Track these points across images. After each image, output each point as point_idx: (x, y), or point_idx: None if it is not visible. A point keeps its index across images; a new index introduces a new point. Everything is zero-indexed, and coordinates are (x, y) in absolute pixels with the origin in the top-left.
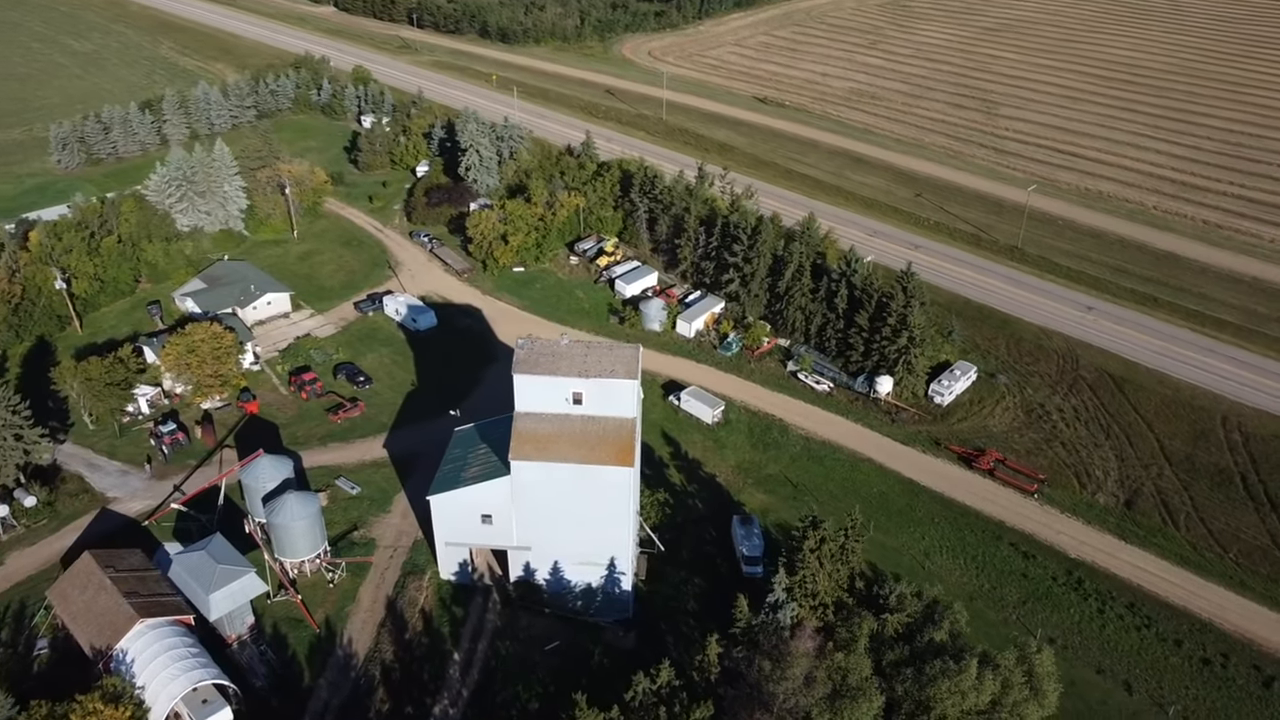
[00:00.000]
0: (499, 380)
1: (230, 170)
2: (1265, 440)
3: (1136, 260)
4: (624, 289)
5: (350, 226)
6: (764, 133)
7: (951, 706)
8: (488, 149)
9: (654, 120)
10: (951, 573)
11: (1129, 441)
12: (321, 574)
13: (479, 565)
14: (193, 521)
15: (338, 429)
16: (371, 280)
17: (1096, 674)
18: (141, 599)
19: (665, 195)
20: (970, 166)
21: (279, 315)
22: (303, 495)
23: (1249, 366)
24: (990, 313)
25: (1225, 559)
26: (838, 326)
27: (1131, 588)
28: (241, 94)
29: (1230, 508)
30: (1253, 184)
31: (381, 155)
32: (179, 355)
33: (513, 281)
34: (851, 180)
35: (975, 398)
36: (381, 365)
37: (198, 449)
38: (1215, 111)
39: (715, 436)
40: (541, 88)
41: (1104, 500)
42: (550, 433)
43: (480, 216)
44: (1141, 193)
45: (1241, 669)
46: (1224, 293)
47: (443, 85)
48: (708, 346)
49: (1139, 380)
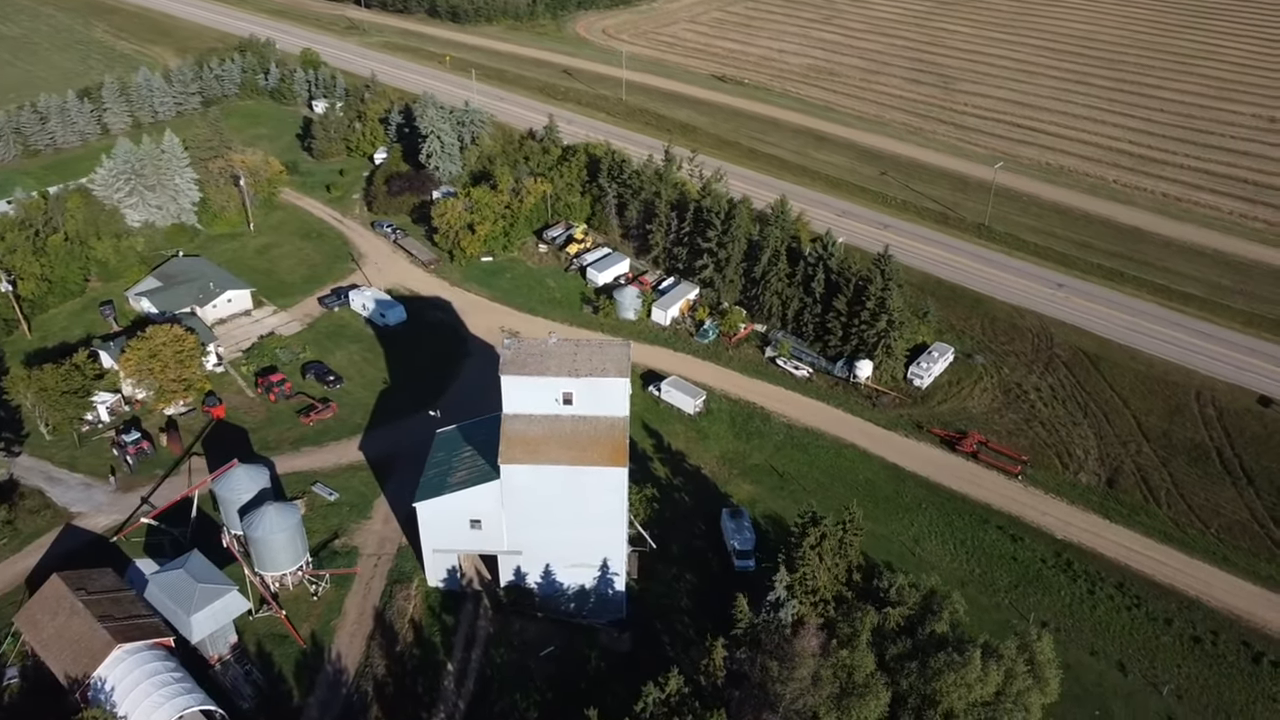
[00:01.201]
0: (474, 374)
1: (181, 162)
2: (1238, 414)
3: (1101, 235)
4: (596, 277)
5: (309, 217)
6: (725, 112)
7: (958, 699)
8: (449, 135)
9: (614, 101)
10: (942, 559)
11: (1106, 419)
12: (304, 586)
13: (467, 570)
14: (165, 536)
15: (310, 432)
16: (334, 274)
17: (1090, 656)
18: (117, 622)
19: (634, 180)
20: (932, 143)
21: (240, 313)
22: (282, 506)
23: (1217, 340)
24: (963, 292)
25: (1207, 534)
26: (815, 311)
27: (1119, 567)
28: (185, 80)
29: (1208, 483)
30: (1208, 156)
31: (337, 142)
32: (140, 360)
33: (481, 272)
34: (816, 159)
35: (953, 379)
36: (351, 363)
37: (164, 458)
38: (1167, 83)
39: (698, 427)
40: (497, 68)
41: (1086, 479)
42: (540, 434)
43: (445, 205)
44: (1101, 167)
45: (1231, 645)
46: (1188, 266)
47: (395, 68)
48: (684, 334)
49: (1113, 357)
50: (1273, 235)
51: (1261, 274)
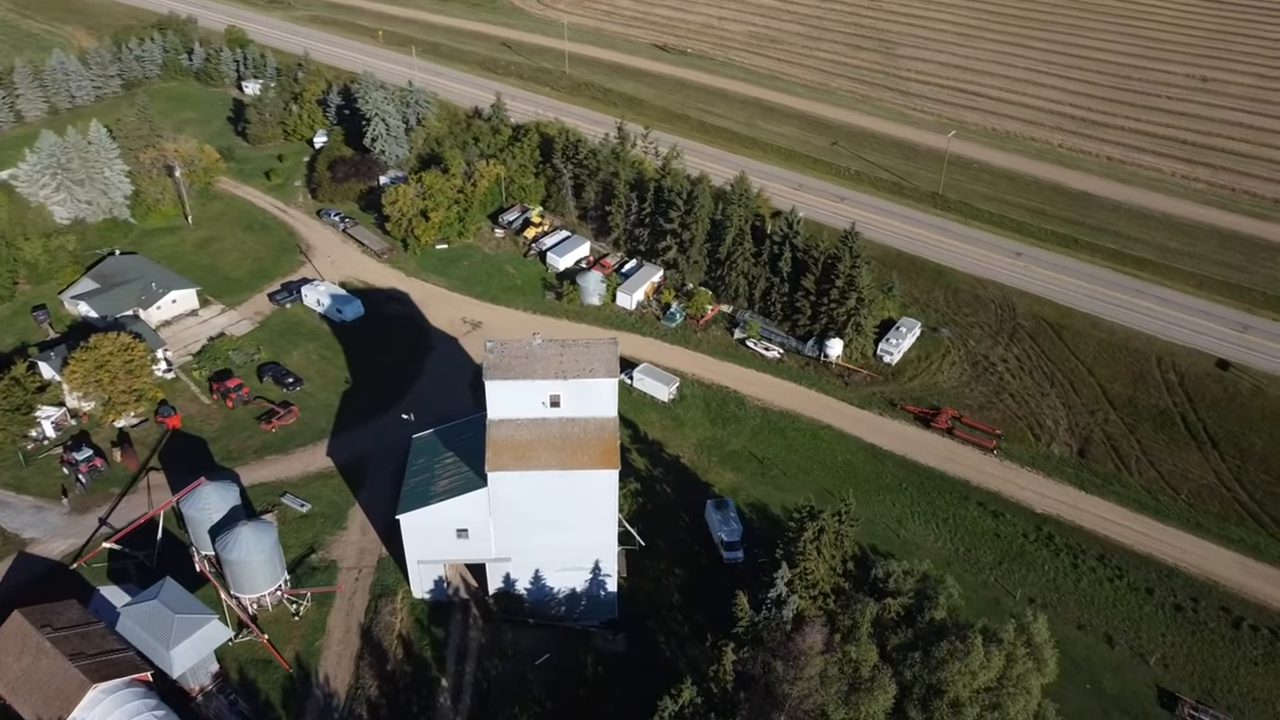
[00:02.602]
0: (439, 369)
1: (110, 154)
2: (1198, 379)
3: (1053, 201)
4: (556, 261)
5: (249, 208)
6: (670, 83)
7: (963, 687)
8: (394, 117)
9: (557, 75)
10: (926, 539)
11: (1073, 389)
12: (284, 606)
13: (453, 579)
14: (129, 560)
15: (273, 439)
16: (282, 267)
17: (1078, 630)
18: (90, 660)
19: (590, 160)
20: (879, 111)
21: (186, 313)
22: (258, 525)
23: (1173, 305)
24: (924, 264)
25: (1178, 501)
26: (782, 290)
27: (1099, 539)
28: (104, 62)
29: (1175, 449)
30: (1145, 117)
31: (273, 126)
32: (86, 372)
33: (437, 260)
34: (766, 130)
35: (922, 354)
36: (310, 363)
37: (119, 474)
38: (1103, 44)
39: (673, 415)
40: (432, 42)
41: (1058, 450)
42: (528, 439)
43: (396, 192)
44: (1046, 131)
45: (1211, 612)
46: (1138, 230)
47: (326, 44)
48: (651, 318)
49: (1075, 325)
50: (1214, 196)
51: (1206, 235)
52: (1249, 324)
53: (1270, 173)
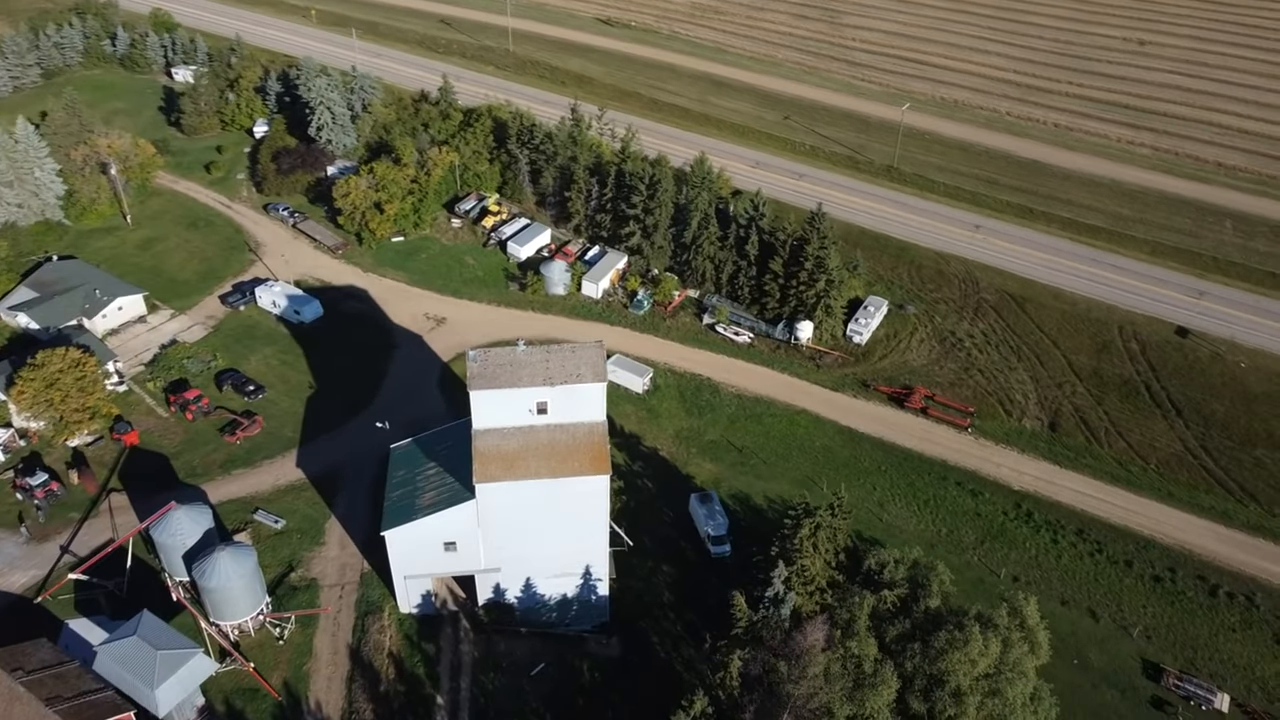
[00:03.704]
0: (406, 368)
1: (39, 152)
2: (1159, 347)
3: (1005, 171)
4: (518, 251)
5: (192, 204)
6: (618, 59)
7: (963, 676)
8: (339, 104)
9: (501, 53)
10: (909, 522)
11: (1040, 361)
12: (267, 631)
13: (439, 592)
14: (97, 590)
15: (238, 451)
16: (232, 267)
17: (1062, 606)
18: (68, 704)
19: (547, 144)
20: (828, 82)
21: (133, 321)
22: (236, 550)
23: (1130, 273)
24: (887, 240)
25: (1149, 471)
26: (750, 274)
27: (1076, 514)
28: (20, 50)
29: (1141, 418)
30: (1087, 82)
31: (209, 116)
32: (36, 392)
33: (394, 254)
34: (718, 106)
35: (890, 332)
36: (270, 368)
37: (78, 498)
38: (1041, 8)
39: (648, 406)
40: (368, 21)
41: (1030, 425)
42: (516, 448)
43: (348, 184)
44: (993, 99)
45: (1188, 581)
46: (1089, 197)
47: (256, 25)
48: (618, 306)
49: (1037, 298)
50: (1159, 161)
51: (1155, 201)
52: (1203, 290)
53: (1210, 136)
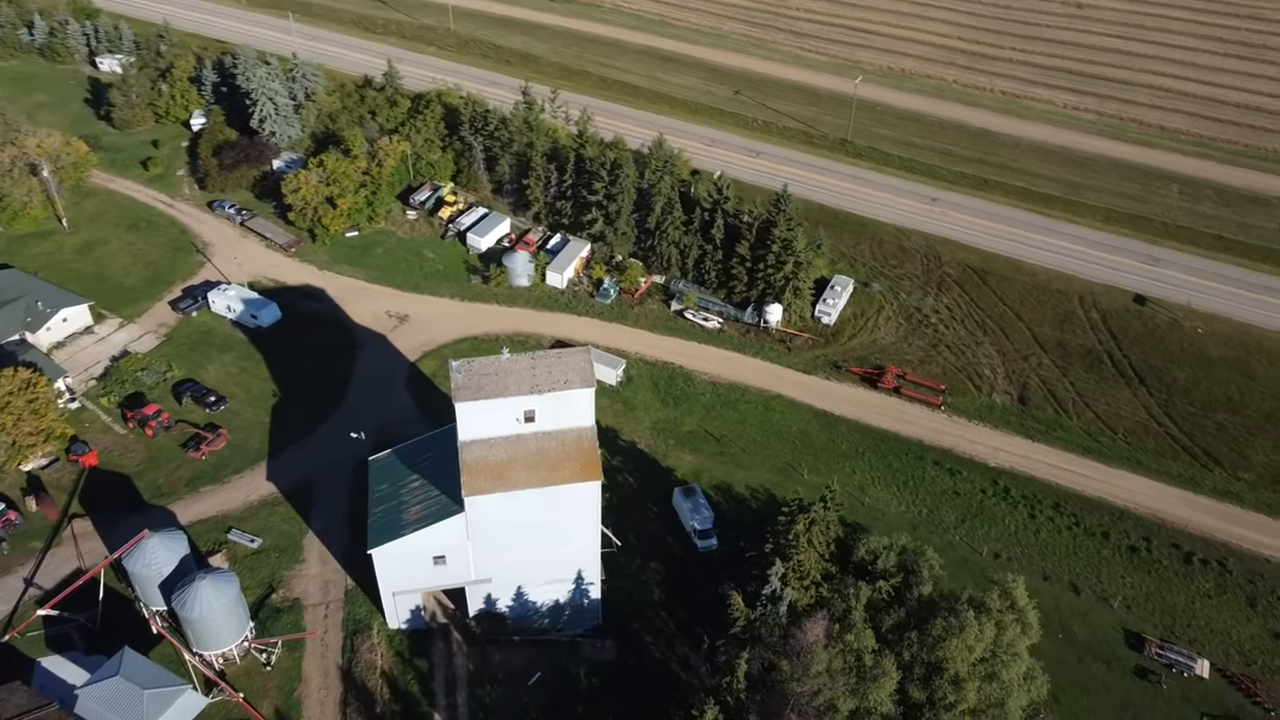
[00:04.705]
0: (373, 369)
1: None
2: (1119, 315)
3: (957, 141)
4: (478, 242)
5: (131, 204)
6: (563, 36)
7: (961, 663)
8: (281, 94)
9: (442, 32)
10: (890, 504)
11: (1005, 335)
12: (253, 657)
13: (428, 604)
14: (69, 624)
15: (205, 467)
16: (180, 270)
17: (1044, 580)
18: None
19: (501, 130)
20: (775, 54)
21: (80, 332)
22: (217, 577)
23: (1085, 241)
24: (847, 217)
25: (1117, 441)
26: (716, 258)
27: (1051, 487)
28: None
29: (1106, 388)
30: (1030, 48)
31: (141, 108)
32: None
33: (350, 249)
34: (668, 83)
35: (857, 311)
36: (230, 377)
37: (38, 526)
38: None
39: (623, 398)
40: (302, 1)
41: (1000, 400)
42: (504, 458)
43: (298, 179)
44: (940, 67)
45: (1163, 549)
46: (1040, 165)
47: (185, 9)
48: (583, 296)
49: (998, 270)
50: (1104, 126)
51: (1104, 167)
52: (1158, 256)
53: (1151, 99)
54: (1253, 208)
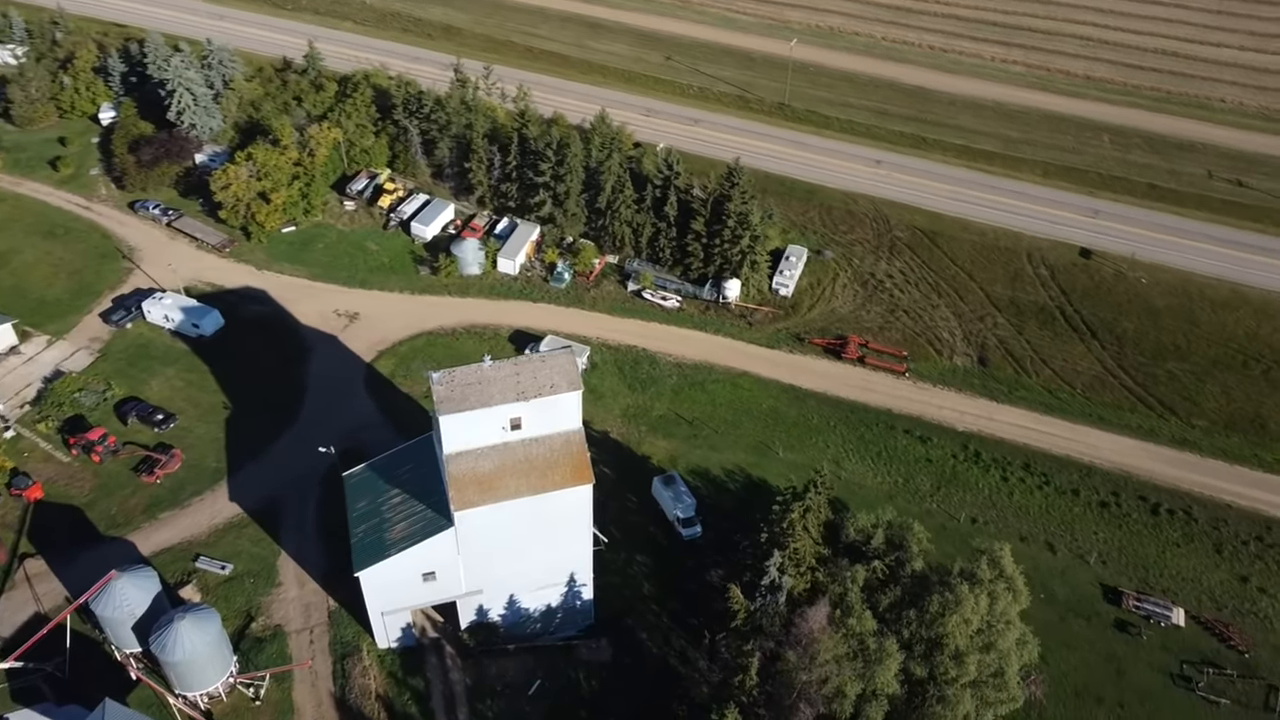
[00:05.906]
0: (327, 373)
1: None
2: (1067, 270)
3: (893, 100)
4: (422, 231)
5: (43, 208)
6: (483, 5)
7: (960, 636)
8: (199, 84)
9: (357, 6)
10: (866, 476)
11: (959, 296)
12: (239, 693)
13: (418, 620)
14: (35, 675)
15: (161, 491)
16: (107, 279)
17: (1021, 542)
18: None
19: (438, 112)
20: (703, 16)
21: (5, 353)
22: (195, 616)
23: (1027, 197)
24: (793, 184)
25: (1076, 396)
26: (670, 235)
27: (1020, 448)
28: None
29: (1060, 344)
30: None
31: (43, 103)
32: None
33: (288, 246)
34: (597, 50)
35: (813, 281)
36: (175, 391)
37: None
38: None
39: (590, 386)
40: None
41: (960, 362)
42: (492, 469)
43: (228, 174)
44: (867, 23)
45: (1131, 503)
46: (976, 122)
47: None
48: (537, 281)
49: (946, 230)
50: (1034, 78)
51: (1037, 120)
52: (1097, 208)
53: (1076, 49)
54: (1180, 154)
